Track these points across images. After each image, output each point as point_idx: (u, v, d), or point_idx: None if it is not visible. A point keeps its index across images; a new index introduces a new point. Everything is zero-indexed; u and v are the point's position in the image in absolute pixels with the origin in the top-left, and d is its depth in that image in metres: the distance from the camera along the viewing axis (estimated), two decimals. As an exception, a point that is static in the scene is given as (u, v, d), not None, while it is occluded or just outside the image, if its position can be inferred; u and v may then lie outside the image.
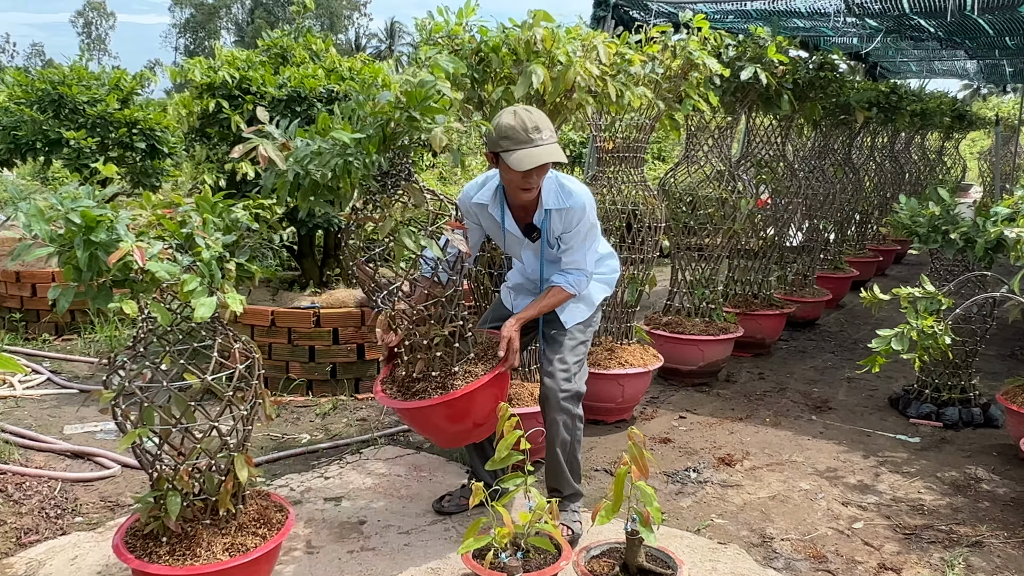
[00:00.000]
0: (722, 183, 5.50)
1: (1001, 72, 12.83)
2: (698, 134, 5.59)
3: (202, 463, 2.75)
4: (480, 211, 3.39)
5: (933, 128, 10.73)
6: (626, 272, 4.83)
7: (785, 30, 6.38)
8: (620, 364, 4.65)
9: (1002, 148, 13.87)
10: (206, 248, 2.51)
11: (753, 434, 4.68)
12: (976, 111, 15.20)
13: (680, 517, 3.68)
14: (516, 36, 3.56)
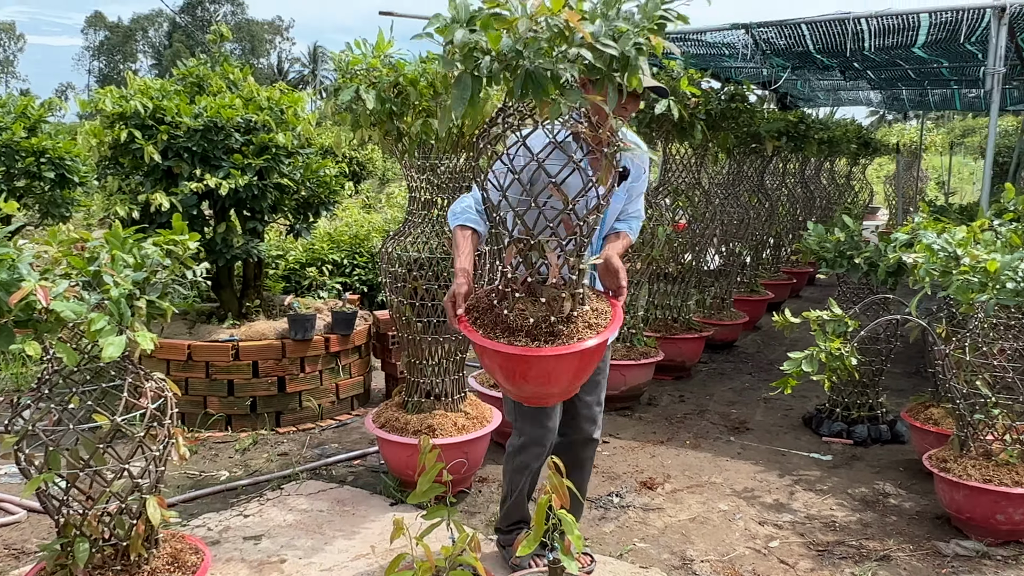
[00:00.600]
0: (640, 211, 5.63)
1: (902, 101, 13.50)
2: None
3: (112, 507, 2.67)
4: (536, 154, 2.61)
5: (840, 154, 11.21)
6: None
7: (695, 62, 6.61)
8: (543, 391, 4.69)
9: (905, 173, 14.56)
10: (115, 286, 2.45)
11: (674, 457, 4.78)
12: (880, 138, 15.94)
13: (603, 543, 3.72)
14: (434, 70, 3.59)
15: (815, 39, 6.40)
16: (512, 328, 2.56)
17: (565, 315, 2.57)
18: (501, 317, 2.59)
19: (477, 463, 4.23)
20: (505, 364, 2.59)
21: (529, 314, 2.56)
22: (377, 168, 15.29)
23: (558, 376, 2.61)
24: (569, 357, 2.54)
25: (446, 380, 4.19)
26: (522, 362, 2.55)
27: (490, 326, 2.60)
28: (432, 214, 4.11)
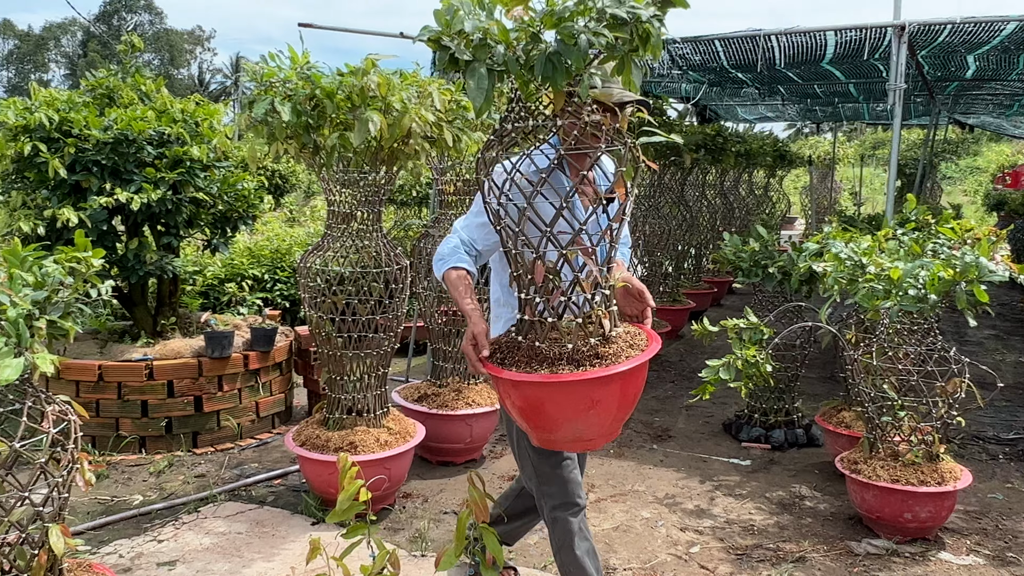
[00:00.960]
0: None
1: (816, 114, 13.99)
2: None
3: (12, 537, 2.55)
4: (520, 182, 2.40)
5: (758, 166, 11.54)
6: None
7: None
8: (468, 404, 4.69)
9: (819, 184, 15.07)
10: (12, 306, 2.35)
11: (598, 466, 4.82)
12: (796, 150, 16.47)
13: (527, 555, 3.72)
14: (351, 82, 3.57)
15: (728, 55, 6.58)
16: (551, 358, 2.27)
17: (606, 335, 2.32)
18: (534, 350, 2.30)
19: (401, 479, 4.19)
20: (556, 399, 2.25)
21: (565, 340, 2.28)
22: (301, 181, 15.07)
23: (613, 403, 2.29)
24: (629, 376, 2.26)
25: (368, 395, 4.15)
26: (581, 390, 2.22)
27: (524, 362, 2.30)
28: (352, 227, 4.07)
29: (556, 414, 2.27)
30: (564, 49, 2.04)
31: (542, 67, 2.04)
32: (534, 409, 2.29)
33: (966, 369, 3.84)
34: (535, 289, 2.33)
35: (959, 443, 5.28)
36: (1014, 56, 5.94)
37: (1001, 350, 8.28)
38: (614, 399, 2.27)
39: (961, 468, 3.92)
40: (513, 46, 2.08)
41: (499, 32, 2.07)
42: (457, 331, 4.90)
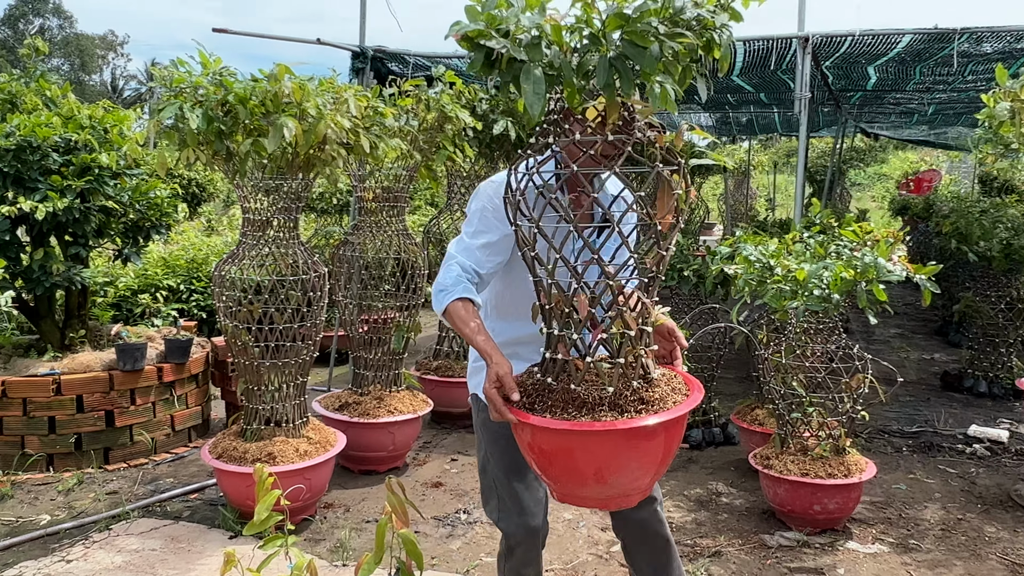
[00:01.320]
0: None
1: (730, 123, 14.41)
2: (459, 182, 5.78)
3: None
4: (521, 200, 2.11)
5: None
6: (394, 320, 4.89)
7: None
8: (389, 412, 4.66)
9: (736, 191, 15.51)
10: (-99, 318, 2.24)
11: (521, 470, 4.85)
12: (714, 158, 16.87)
13: (450, 560, 3.72)
14: (264, 88, 3.53)
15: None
16: (589, 403, 1.99)
17: (648, 378, 2.06)
18: (569, 394, 2.02)
19: (321, 489, 4.14)
20: (601, 450, 1.98)
21: (606, 382, 2.01)
22: (219, 190, 14.73)
23: (659, 453, 2.04)
24: (677, 423, 2.02)
25: (287, 405, 4.09)
26: (631, 439, 1.95)
27: (559, 407, 2.01)
28: (268, 235, 4.01)
29: (598, 466, 1.99)
30: (633, 53, 1.76)
31: (605, 73, 1.76)
32: (571, 461, 2.00)
33: (869, 365, 4.02)
34: (570, 324, 2.03)
35: (866, 437, 5.50)
36: (910, 67, 6.25)
37: (906, 348, 8.66)
38: (660, 448, 2.02)
39: (866, 460, 4.09)
40: (567, 47, 1.82)
41: (552, 31, 1.80)
42: (379, 339, 4.87)
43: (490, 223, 2.31)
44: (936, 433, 5.65)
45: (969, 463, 5.10)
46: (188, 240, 7.95)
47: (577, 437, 1.94)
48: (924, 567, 3.71)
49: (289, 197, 3.98)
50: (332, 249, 4.94)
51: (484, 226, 2.32)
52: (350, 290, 4.90)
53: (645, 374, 2.04)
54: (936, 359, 8.12)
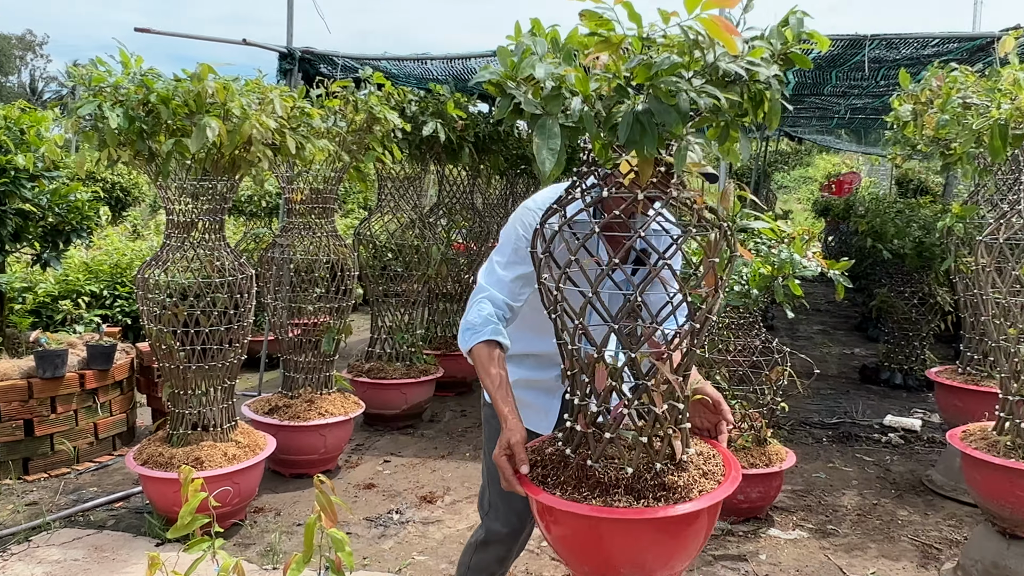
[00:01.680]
0: (414, 231, 5.74)
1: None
2: (389, 184, 5.78)
3: None
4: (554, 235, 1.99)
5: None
6: (324, 322, 4.87)
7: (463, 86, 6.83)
8: (320, 414, 4.64)
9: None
10: None
11: (454, 470, 4.88)
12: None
13: (382, 559, 3.73)
14: (187, 88, 3.48)
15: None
16: (604, 484, 1.86)
17: (675, 459, 1.90)
18: (584, 470, 1.90)
19: (251, 493, 4.09)
20: (606, 537, 1.84)
21: (624, 462, 1.88)
22: (145, 195, 14.37)
23: (677, 546, 1.87)
24: (700, 516, 1.84)
25: (214, 409, 4.04)
26: (638, 530, 1.81)
27: (572, 484, 1.89)
28: (193, 237, 3.96)
29: (598, 549, 1.87)
30: (658, 108, 1.61)
31: (627, 129, 1.62)
32: (572, 540, 1.91)
33: (787, 359, 4.16)
34: (591, 392, 1.91)
35: (789, 429, 5.69)
36: (827, 72, 6.49)
37: (828, 343, 8.97)
38: (679, 542, 1.86)
39: (787, 450, 4.24)
40: (592, 99, 1.68)
41: (576, 81, 1.67)
42: (311, 341, 4.85)
43: (524, 255, 2.11)
44: (854, 424, 5.88)
45: (884, 451, 5.32)
46: (112, 245, 7.75)
47: (579, 520, 1.82)
48: (841, 551, 3.87)
49: (214, 198, 3.93)
50: (261, 252, 4.89)
51: (518, 257, 2.17)
52: (280, 293, 4.87)
53: (672, 455, 1.88)
54: (856, 353, 8.44)
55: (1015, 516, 3.27)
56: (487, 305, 2.14)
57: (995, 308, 3.33)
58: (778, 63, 1.73)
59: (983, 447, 3.37)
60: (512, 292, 2.17)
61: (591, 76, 1.69)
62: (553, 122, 1.65)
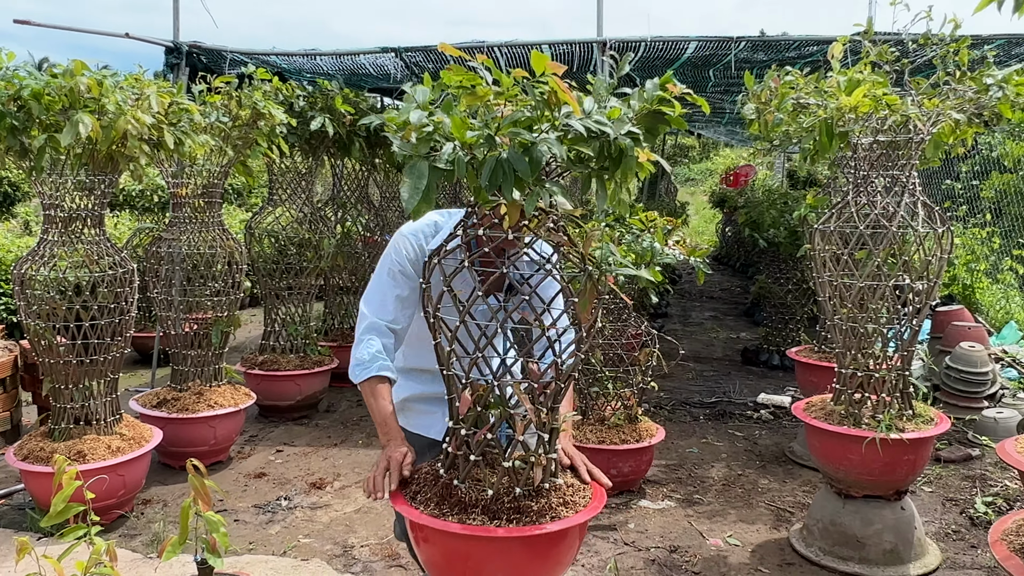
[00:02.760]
0: (306, 224, 5.82)
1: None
2: (281, 178, 5.85)
3: None
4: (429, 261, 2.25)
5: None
6: (214, 316, 4.92)
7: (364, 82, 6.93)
8: (210, 406, 4.69)
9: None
10: None
11: (346, 457, 5.01)
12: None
13: (268, 543, 3.84)
14: (59, 84, 3.51)
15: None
16: (464, 503, 2.04)
17: (535, 486, 2.07)
18: (450, 489, 2.08)
19: (137, 485, 4.13)
20: (456, 551, 2.05)
21: (487, 484, 2.04)
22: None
23: (525, 570, 2.04)
24: (542, 540, 2.00)
25: (97, 403, 4.06)
26: (478, 547, 2.00)
27: (435, 501, 2.08)
28: (72, 232, 3.96)
29: (439, 562, 2.10)
30: (515, 158, 1.78)
31: (489, 174, 1.77)
32: (440, 560, 2.12)
33: (656, 341, 4.45)
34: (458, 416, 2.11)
35: (670, 409, 6.02)
36: (704, 71, 6.84)
37: (716, 329, 9.41)
38: (524, 566, 2.03)
39: (657, 426, 4.52)
40: (469, 145, 1.82)
41: (453, 127, 1.82)
42: (201, 335, 4.89)
43: (399, 278, 2.34)
44: (731, 402, 6.25)
45: (755, 427, 5.69)
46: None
47: (425, 531, 2.03)
48: (704, 517, 4.17)
49: (93, 193, 3.95)
50: (145, 246, 4.89)
51: (394, 281, 2.34)
52: (168, 288, 4.89)
53: (532, 482, 2.04)
54: (741, 337, 8.89)
55: (848, 478, 3.62)
56: (375, 341, 2.30)
57: (830, 290, 3.67)
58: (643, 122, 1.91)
59: (821, 416, 3.71)
60: (393, 314, 2.33)
61: (477, 126, 1.85)
62: (422, 164, 1.78)
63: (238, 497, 4.39)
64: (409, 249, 2.36)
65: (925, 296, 3.53)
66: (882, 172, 3.49)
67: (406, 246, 2.36)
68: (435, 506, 2.06)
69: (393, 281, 2.35)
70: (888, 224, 3.42)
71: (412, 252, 2.35)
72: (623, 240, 4.23)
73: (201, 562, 2.96)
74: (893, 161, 3.48)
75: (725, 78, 7.13)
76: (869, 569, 3.57)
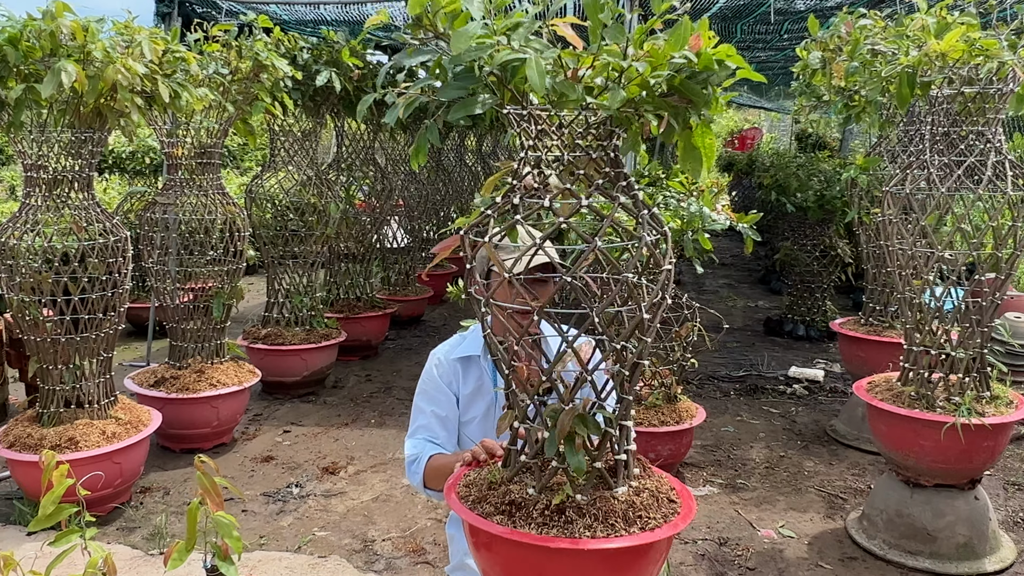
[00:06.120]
0: (311, 188, 5.42)
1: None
2: (283, 138, 5.43)
3: None
4: (463, 370, 2.22)
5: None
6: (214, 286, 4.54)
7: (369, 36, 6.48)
8: (211, 385, 4.34)
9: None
10: None
11: (358, 438, 4.67)
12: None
13: (281, 537, 3.51)
14: (38, 27, 3.10)
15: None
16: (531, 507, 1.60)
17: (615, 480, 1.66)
18: (511, 492, 1.67)
19: (135, 473, 3.80)
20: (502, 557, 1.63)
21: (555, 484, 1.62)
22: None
23: None
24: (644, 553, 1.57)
25: (90, 384, 3.70)
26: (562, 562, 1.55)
27: (494, 506, 1.64)
28: (57, 196, 3.57)
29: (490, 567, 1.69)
30: None
31: None
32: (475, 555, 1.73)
33: (697, 314, 4.10)
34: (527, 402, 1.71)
35: (696, 383, 5.69)
36: (732, 24, 6.43)
37: (733, 297, 9.08)
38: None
39: (696, 406, 4.19)
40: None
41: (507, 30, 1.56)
42: (201, 307, 4.52)
43: (434, 397, 2.20)
44: (760, 376, 5.93)
45: (790, 403, 5.38)
46: (-22, 207, 7.11)
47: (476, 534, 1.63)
48: (750, 504, 3.86)
49: (80, 153, 3.55)
50: (139, 211, 4.49)
51: (429, 397, 2.22)
52: (164, 256, 4.50)
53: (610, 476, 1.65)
54: (760, 306, 8.57)
55: (919, 465, 3.30)
56: (420, 443, 2.17)
57: (900, 259, 3.32)
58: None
59: (888, 398, 3.38)
60: (434, 430, 2.19)
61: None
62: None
63: (245, 484, 4.06)
64: (440, 360, 2.23)
65: (1009, 266, 3.18)
66: (965, 127, 3.12)
67: (438, 368, 2.23)
68: (495, 510, 1.65)
69: (424, 402, 2.23)
70: (973, 187, 3.06)
71: (443, 363, 2.23)
72: (667, 204, 3.86)
73: (212, 569, 2.63)
74: (976, 115, 3.11)
75: (752, 33, 6.72)
76: (941, 564, 3.27)
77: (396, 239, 7.88)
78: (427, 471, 2.11)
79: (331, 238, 5.65)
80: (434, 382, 2.23)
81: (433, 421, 2.21)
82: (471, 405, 2.23)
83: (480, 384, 2.22)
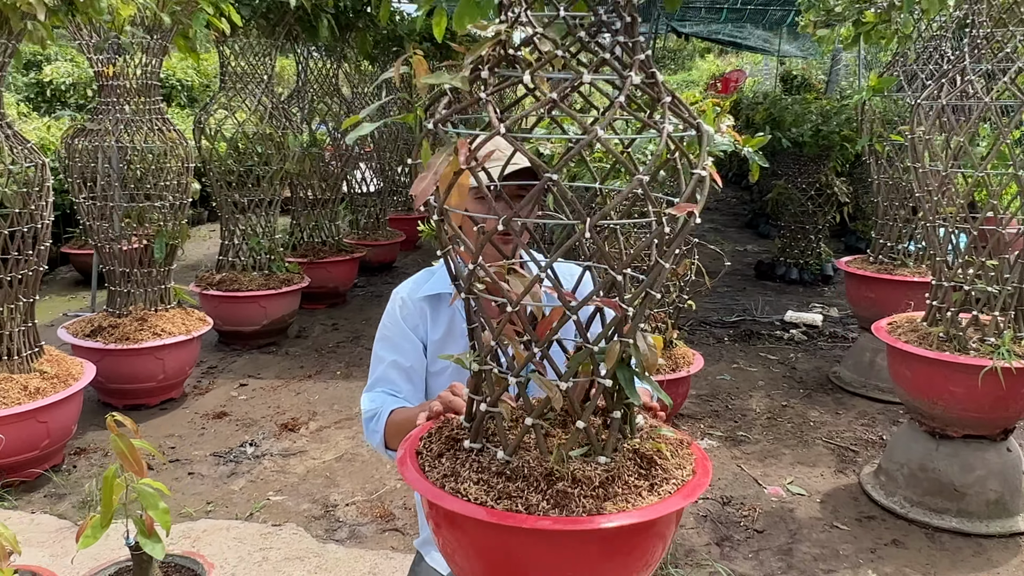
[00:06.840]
0: (268, 120, 4.91)
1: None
2: (234, 62, 4.90)
3: None
4: (432, 312, 1.82)
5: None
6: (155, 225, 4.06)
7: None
8: (155, 334, 3.90)
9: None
10: None
11: (322, 391, 4.26)
12: None
13: (231, 503, 3.11)
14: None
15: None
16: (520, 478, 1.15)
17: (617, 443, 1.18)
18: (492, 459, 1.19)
19: (67, 432, 3.36)
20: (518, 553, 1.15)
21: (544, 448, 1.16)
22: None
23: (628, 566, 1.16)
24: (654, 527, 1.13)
25: (8, 333, 3.24)
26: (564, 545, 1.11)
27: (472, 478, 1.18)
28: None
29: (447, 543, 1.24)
30: None
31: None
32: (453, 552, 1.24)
33: (695, 250, 3.70)
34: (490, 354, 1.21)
35: (689, 329, 5.31)
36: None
37: (720, 241, 8.69)
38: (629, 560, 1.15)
39: (693, 353, 3.81)
40: None
41: None
42: (147, 247, 4.04)
43: (397, 345, 1.81)
44: (755, 321, 5.58)
45: (788, 349, 5.03)
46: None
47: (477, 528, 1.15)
48: (754, 459, 3.51)
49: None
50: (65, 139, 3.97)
51: (389, 341, 1.82)
52: (91, 189, 4.00)
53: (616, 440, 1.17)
54: (749, 250, 8.20)
55: (947, 414, 2.94)
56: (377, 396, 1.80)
57: (934, 182, 2.91)
58: None
59: (913, 340, 3.01)
60: (392, 383, 1.82)
61: None
62: None
63: (194, 443, 3.64)
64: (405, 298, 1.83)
65: (1056, 189, 2.79)
66: (1012, 27, 2.70)
67: (400, 308, 1.82)
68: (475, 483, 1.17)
69: (383, 347, 1.83)
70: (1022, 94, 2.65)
71: (407, 301, 1.82)
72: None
73: (134, 547, 2.22)
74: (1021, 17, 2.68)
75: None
76: (970, 523, 2.94)
77: (366, 182, 7.38)
78: (388, 428, 1.73)
79: (291, 174, 5.16)
80: (397, 326, 1.83)
81: (394, 372, 1.81)
82: (441, 352, 1.79)
83: (452, 328, 1.82)
